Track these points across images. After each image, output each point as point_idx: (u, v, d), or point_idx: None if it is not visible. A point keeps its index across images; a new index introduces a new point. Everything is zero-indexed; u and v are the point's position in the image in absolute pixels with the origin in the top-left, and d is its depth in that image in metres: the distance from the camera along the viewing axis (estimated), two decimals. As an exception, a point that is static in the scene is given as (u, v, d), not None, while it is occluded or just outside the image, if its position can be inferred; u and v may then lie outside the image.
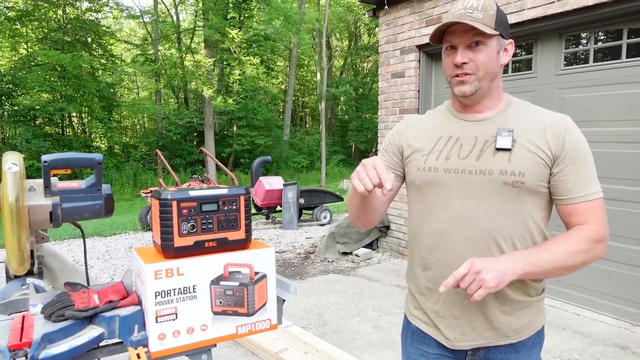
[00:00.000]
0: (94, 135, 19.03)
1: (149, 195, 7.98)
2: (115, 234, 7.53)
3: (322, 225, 8.07)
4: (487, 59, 1.14)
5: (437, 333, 1.25)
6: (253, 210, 8.08)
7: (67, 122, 18.97)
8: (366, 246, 5.68)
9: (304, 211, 8.52)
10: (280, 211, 8.08)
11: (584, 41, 3.79)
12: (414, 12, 5.01)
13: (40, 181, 1.16)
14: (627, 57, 3.40)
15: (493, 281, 1.00)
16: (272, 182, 7.99)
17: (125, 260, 5.77)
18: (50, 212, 1.15)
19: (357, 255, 5.45)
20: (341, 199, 8.49)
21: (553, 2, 3.65)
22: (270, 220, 8.46)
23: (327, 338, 3.25)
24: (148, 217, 7.61)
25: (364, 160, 1.03)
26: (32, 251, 1.18)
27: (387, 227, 5.59)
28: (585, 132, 1.20)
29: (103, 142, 18.83)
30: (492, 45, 1.15)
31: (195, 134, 19.71)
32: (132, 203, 12.93)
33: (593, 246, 1.11)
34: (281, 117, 22.49)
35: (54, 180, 1.19)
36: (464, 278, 1.02)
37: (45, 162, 1.14)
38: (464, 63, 1.14)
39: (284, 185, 7.76)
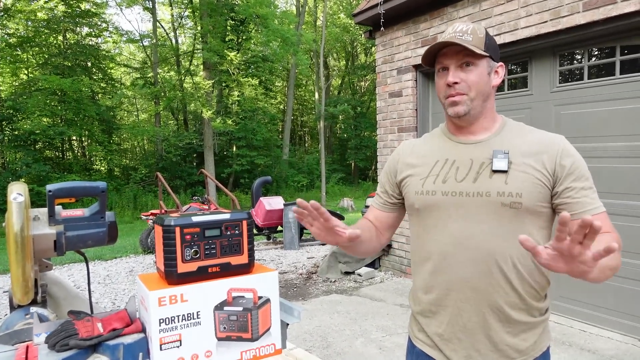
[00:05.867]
0: (93, 158, 19.09)
1: (150, 217, 7.97)
2: (116, 258, 7.49)
3: (323, 244, 8.04)
4: (478, 79, 1.17)
5: (441, 356, 1.24)
6: (254, 231, 8.05)
7: (67, 146, 19.04)
8: (368, 265, 5.65)
9: (305, 231, 8.50)
10: (281, 231, 8.06)
11: (579, 57, 3.85)
12: (409, 32, 5.10)
13: (45, 210, 1.17)
14: (620, 74, 3.45)
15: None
16: (273, 202, 8.00)
17: (126, 284, 5.72)
18: (55, 241, 1.15)
19: (359, 275, 5.42)
20: (342, 218, 8.46)
21: (546, 21, 3.72)
22: (271, 240, 8.43)
23: (331, 360, 3.21)
24: (149, 239, 7.59)
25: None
26: (36, 280, 1.19)
27: (389, 246, 5.57)
28: (582, 147, 1.22)
29: (103, 165, 18.87)
30: (483, 66, 1.18)
31: (195, 155, 19.77)
32: (133, 225, 12.88)
33: (618, 250, 1.09)
34: (280, 136, 22.60)
35: (58, 208, 1.20)
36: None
37: (49, 191, 1.15)
38: (456, 83, 1.17)
39: (285, 205, 7.77)
